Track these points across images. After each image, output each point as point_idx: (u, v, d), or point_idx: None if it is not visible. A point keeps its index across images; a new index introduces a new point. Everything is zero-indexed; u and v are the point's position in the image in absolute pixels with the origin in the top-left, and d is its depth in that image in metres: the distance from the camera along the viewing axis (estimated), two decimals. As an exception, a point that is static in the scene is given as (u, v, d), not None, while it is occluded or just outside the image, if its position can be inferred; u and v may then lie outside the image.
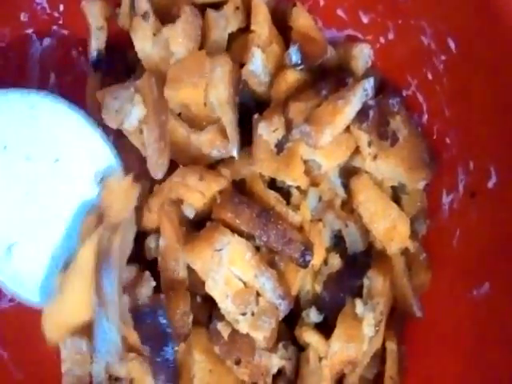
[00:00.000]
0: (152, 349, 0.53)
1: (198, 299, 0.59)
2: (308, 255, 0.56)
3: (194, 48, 0.57)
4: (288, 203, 0.58)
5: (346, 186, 0.60)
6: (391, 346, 0.60)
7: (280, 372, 0.61)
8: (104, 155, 0.58)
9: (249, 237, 0.55)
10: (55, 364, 0.60)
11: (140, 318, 0.52)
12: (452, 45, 0.54)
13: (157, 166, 0.54)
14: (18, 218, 0.57)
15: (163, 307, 0.53)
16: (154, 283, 0.54)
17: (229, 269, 0.54)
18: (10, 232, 0.57)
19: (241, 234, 0.55)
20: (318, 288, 0.61)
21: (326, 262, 0.61)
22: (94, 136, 0.58)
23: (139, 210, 0.57)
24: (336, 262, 0.61)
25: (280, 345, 0.59)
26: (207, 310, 0.59)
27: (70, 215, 0.58)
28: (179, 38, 0.55)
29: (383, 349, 0.61)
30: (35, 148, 0.57)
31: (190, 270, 0.57)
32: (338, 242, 0.62)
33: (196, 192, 0.55)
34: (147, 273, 0.55)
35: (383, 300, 0.59)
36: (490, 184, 0.55)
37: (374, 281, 0.59)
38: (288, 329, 0.61)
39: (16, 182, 0.57)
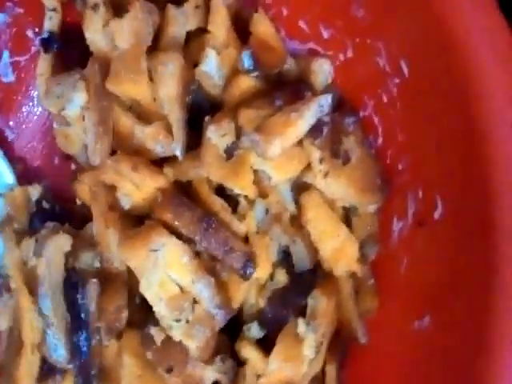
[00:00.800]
0: (72, 323, 0.53)
1: (137, 300, 0.58)
2: (250, 267, 0.56)
3: (136, 44, 0.55)
4: (234, 211, 0.57)
5: (297, 202, 0.59)
6: (331, 370, 0.58)
7: (216, 385, 0.59)
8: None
9: (189, 241, 0.54)
10: None
11: (67, 284, 0.53)
12: (405, 69, 0.54)
13: (95, 151, 0.54)
14: None
15: (86, 287, 0.52)
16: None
17: (165, 271, 0.53)
18: None
19: (180, 236, 0.54)
20: (262, 303, 0.59)
21: (272, 277, 0.60)
22: None
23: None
24: (282, 278, 0.59)
25: (218, 358, 0.58)
26: (144, 314, 0.57)
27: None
28: (125, 33, 0.55)
29: (323, 372, 0.59)
30: None
31: (130, 269, 0.55)
32: (285, 258, 0.60)
33: (129, 182, 0.54)
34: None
35: (326, 322, 0.57)
36: (436, 215, 0.54)
37: (318, 301, 0.58)
38: (230, 342, 0.60)
39: None
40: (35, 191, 0.62)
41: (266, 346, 0.58)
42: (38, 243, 0.54)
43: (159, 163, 0.57)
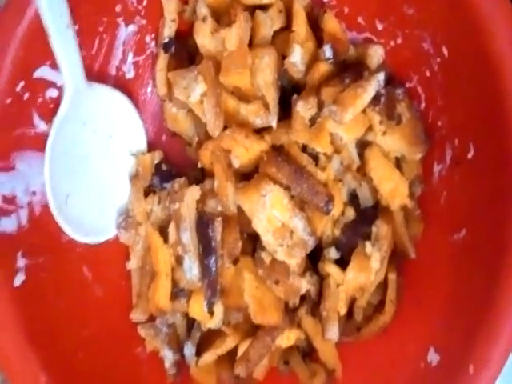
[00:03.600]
0: (204, 250, 0.63)
1: (245, 236, 0.69)
2: (330, 205, 0.66)
3: (242, 45, 0.67)
4: (316, 165, 0.67)
5: (361, 155, 0.70)
6: (392, 277, 0.69)
7: (304, 297, 0.71)
8: (139, 134, 0.74)
9: (286, 188, 0.65)
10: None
11: (200, 223, 0.63)
12: (445, 51, 0.64)
13: (214, 127, 0.65)
14: (76, 174, 0.69)
15: (214, 224, 0.63)
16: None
17: (270, 211, 0.64)
18: (69, 184, 0.68)
19: (280, 185, 0.64)
20: (337, 232, 0.70)
21: (343, 213, 0.71)
22: (136, 119, 0.73)
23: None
24: (351, 213, 0.71)
25: (308, 272, 0.69)
26: (251, 244, 0.69)
27: (115, 176, 0.72)
28: (233, 38, 0.65)
29: (385, 280, 0.70)
30: (100, 125, 0.72)
31: (239, 212, 0.66)
32: (352, 198, 0.71)
33: (241, 146, 0.64)
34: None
35: (387, 242, 0.68)
36: (469, 155, 0.64)
37: (380, 228, 0.69)
38: (312, 264, 0.71)
39: (81, 147, 0.69)
40: (158, 156, 0.74)
41: (341, 264, 0.69)
42: (177, 193, 0.66)
43: (258, 133, 0.68)
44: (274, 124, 0.67)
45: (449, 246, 0.66)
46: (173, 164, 0.74)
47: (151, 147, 0.75)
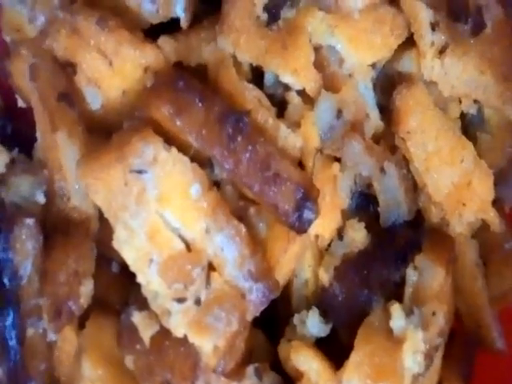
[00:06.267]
0: None
1: (115, 268, 0.44)
2: (308, 210, 0.39)
3: None
4: (281, 115, 0.42)
5: (385, 108, 0.44)
6: None
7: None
8: None
9: (201, 159, 0.38)
10: None
11: None
12: None
13: None
14: None
15: (14, 232, 0.38)
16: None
17: (157, 211, 0.38)
18: None
19: (184, 149, 0.38)
20: (326, 277, 0.45)
21: (341, 234, 0.45)
22: None
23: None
24: (360, 235, 0.45)
25: (250, 368, 0.42)
26: (125, 290, 0.43)
27: None
28: None
29: None
30: None
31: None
32: (364, 203, 0.47)
33: (96, 54, 0.39)
34: None
35: (443, 309, 0.42)
36: None
37: (427, 273, 0.43)
38: (269, 344, 0.46)
39: None
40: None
41: (332, 351, 0.44)
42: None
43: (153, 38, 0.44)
44: (181, 14, 0.43)
45: None
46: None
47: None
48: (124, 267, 0.44)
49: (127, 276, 0.43)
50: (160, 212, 0.38)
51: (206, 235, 0.39)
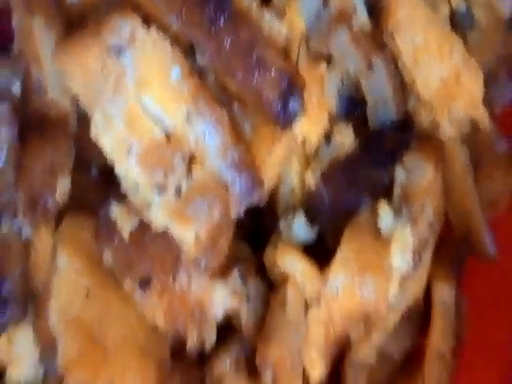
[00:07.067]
0: None
1: (94, 171, 0.41)
2: (294, 99, 0.36)
3: None
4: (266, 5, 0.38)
5: (373, 8, 0.41)
6: (442, 294, 0.43)
7: (228, 327, 0.41)
8: None
9: (182, 42, 0.35)
10: None
11: None
12: None
13: None
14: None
15: None
16: None
17: (137, 96, 0.35)
18: None
19: (165, 29, 0.35)
20: (312, 181, 0.42)
21: (328, 137, 0.42)
22: None
23: None
24: (347, 138, 0.42)
25: (234, 270, 0.40)
26: (104, 193, 0.39)
27: None
28: None
29: (426, 302, 0.44)
30: None
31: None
32: (352, 108, 0.43)
33: None
34: None
35: (433, 204, 0.40)
36: None
37: (416, 172, 0.41)
38: (252, 249, 0.44)
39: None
40: None
41: (319, 255, 0.42)
42: None
43: None
44: None
45: None
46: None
47: None
48: (103, 171, 0.40)
49: (106, 181, 0.41)
50: (139, 97, 0.35)
51: (186, 122, 0.36)
